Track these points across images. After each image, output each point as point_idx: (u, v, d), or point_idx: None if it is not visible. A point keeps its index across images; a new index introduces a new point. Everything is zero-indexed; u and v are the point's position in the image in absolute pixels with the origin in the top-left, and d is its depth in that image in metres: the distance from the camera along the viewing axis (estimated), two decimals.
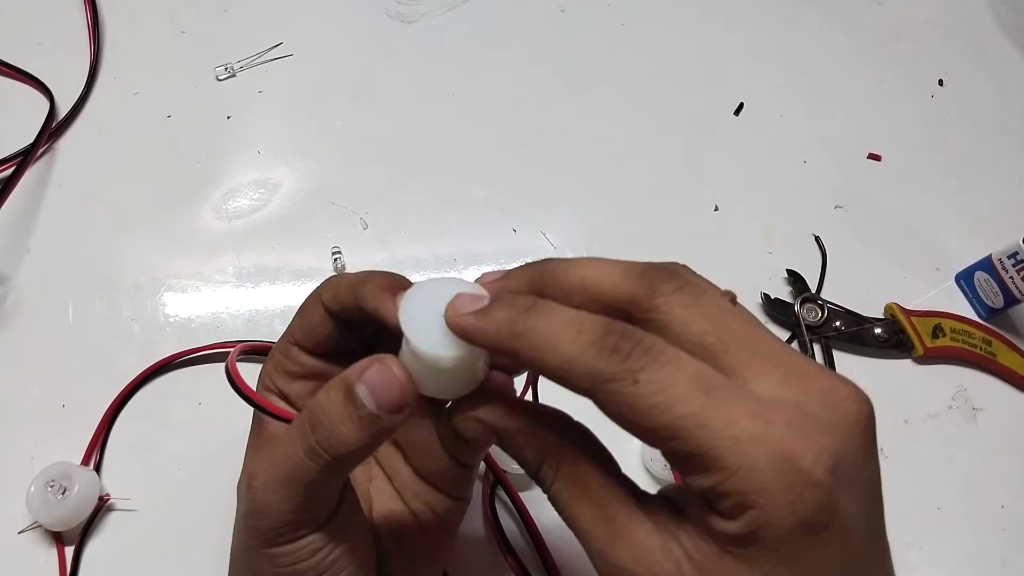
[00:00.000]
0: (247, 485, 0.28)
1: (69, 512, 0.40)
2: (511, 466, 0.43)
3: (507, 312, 0.24)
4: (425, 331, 0.25)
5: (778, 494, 0.21)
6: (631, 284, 0.24)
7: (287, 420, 0.29)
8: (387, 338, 0.32)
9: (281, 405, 0.32)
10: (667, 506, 0.24)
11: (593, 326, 0.23)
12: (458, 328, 0.25)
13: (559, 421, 0.27)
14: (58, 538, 0.41)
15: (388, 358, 0.26)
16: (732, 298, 0.25)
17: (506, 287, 0.27)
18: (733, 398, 0.22)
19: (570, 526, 0.25)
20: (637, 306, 0.24)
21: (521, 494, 0.43)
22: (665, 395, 0.21)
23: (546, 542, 0.42)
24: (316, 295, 0.31)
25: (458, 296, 0.25)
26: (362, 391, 0.25)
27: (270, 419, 0.31)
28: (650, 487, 0.26)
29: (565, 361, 0.23)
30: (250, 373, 0.32)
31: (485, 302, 0.25)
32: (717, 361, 0.23)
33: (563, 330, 0.23)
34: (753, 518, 0.21)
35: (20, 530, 0.41)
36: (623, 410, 0.22)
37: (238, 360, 0.31)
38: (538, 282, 0.26)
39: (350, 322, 0.31)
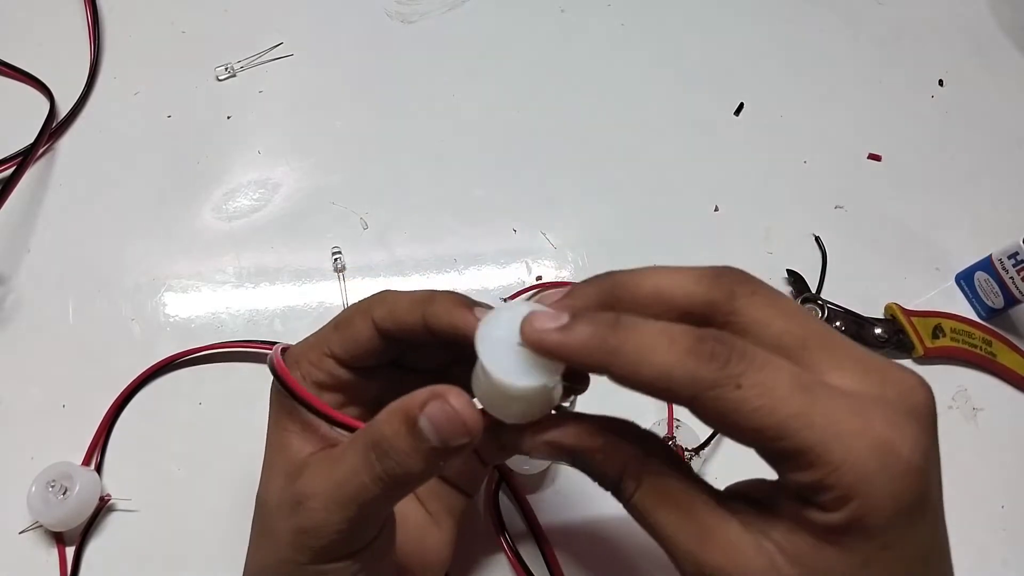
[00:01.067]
0: (296, 503, 0.28)
1: (70, 512, 0.40)
2: (522, 467, 0.43)
3: (592, 327, 0.24)
4: (502, 359, 0.25)
5: (881, 484, 0.22)
6: (707, 289, 0.25)
7: (354, 429, 0.28)
8: (417, 352, 0.33)
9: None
10: (748, 504, 0.25)
11: (685, 334, 0.23)
12: (539, 344, 0.24)
13: (632, 431, 0.27)
14: (59, 538, 0.41)
15: (449, 393, 0.25)
16: None
17: (574, 305, 0.26)
18: (830, 395, 0.23)
19: (653, 533, 0.25)
20: (717, 310, 0.25)
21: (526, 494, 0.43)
22: (769, 398, 0.22)
23: (549, 540, 0.42)
24: (365, 311, 0.30)
25: (532, 313, 0.25)
26: (425, 425, 0.25)
27: (298, 433, 0.30)
28: None
29: (664, 372, 0.23)
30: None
31: (565, 319, 0.24)
32: (797, 359, 0.24)
33: (656, 341, 0.23)
34: (855, 508, 0.22)
35: (21, 530, 0.41)
36: (727, 415, 0.23)
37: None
38: (608, 296, 0.26)
39: (395, 340, 0.30)
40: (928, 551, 0.24)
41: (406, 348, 0.32)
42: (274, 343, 0.46)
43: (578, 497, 0.44)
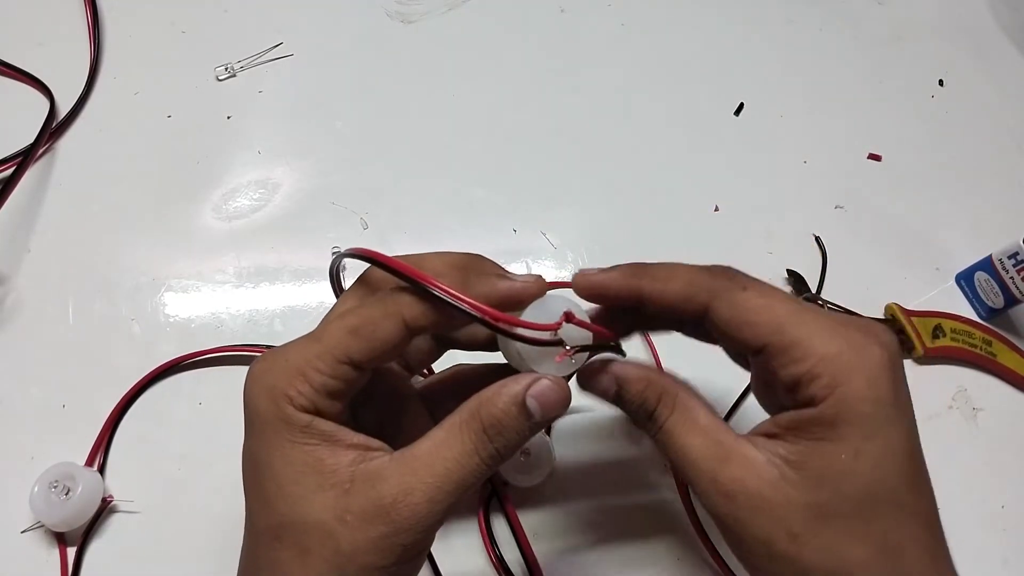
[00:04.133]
0: (382, 508, 0.27)
1: (72, 513, 0.40)
2: (517, 478, 0.43)
3: (625, 266, 0.32)
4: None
5: (858, 372, 0.27)
6: (710, 275, 0.31)
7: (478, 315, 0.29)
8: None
9: (326, 423, 0.29)
10: (755, 435, 0.29)
11: (698, 264, 0.31)
12: (587, 284, 0.32)
13: (666, 373, 0.32)
14: (60, 538, 0.41)
15: (553, 379, 0.30)
16: None
17: (601, 278, 0.32)
18: (815, 310, 0.29)
19: (679, 459, 0.30)
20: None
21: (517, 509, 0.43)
22: (769, 299, 0.29)
23: (536, 557, 0.42)
24: (392, 313, 0.29)
25: (578, 273, 0.32)
26: (532, 404, 0.29)
27: (325, 446, 0.29)
28: (648, 486, 0.26)
29: (687, 282, 0.30)
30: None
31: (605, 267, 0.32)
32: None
33: (676, 265, 0.31)
34: (841, 395, 0.27)
35: (23, 530, 0.41)
36: (736, 312, 0.29)
37: None
38: (634, 269, 0.32)
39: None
40: (910, 451, 0.28)
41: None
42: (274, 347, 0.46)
43: (567, 512, 0.44)
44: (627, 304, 0.31)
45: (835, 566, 0.27)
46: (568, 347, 0.30)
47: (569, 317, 0.30)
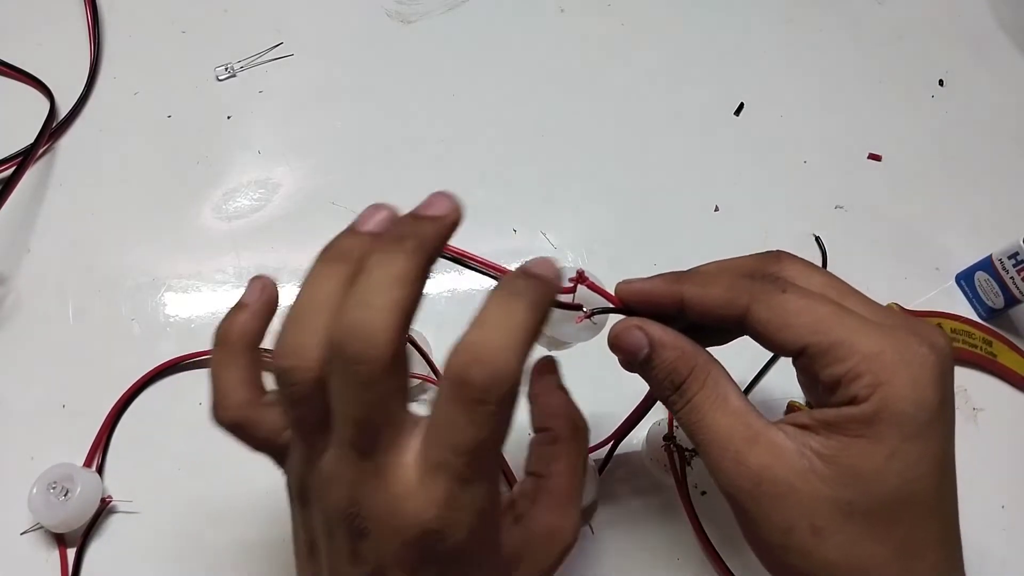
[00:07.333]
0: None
1: (71, 514, 0.40)
2: None
3: (667, 273, 0.31)
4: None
5: (902, 373, 0.26)
6: (757, 258, 0.31)
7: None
8: None
9: None
10: (785, 424, 0.29)
11: (740, 264, 0.31)
12: (630, 291, 0.31)
13: (701, 349, 0.30)
14: (60, 539, 0.41)
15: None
16: None
17: (644, 285, 0.32)
18: (860, 310, 0.28)
19: (704, 436, 0.29)
20: (765, 269, 0.30)
21: None
22: (808, 300, 0.28)
23: None
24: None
25: (621, 283, 0.32)
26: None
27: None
28: (648, 486, 0.26)
29: (727, 287, 0.29)
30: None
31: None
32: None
33: (716, 271, 0.31)
34: (883, 394, 0.26)
35: (23, 531, 0.41)
36: (775, 314, 0.28)
37: None
38: (675, 275, 0.31)
39: None
40: (944, 456, 0.27)
41: None
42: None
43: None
44: (670, 311, 0.31)
45: (853, 563, 0.27)
46: (586, 310, 0.31)
47: (582, 277, 0.31)
